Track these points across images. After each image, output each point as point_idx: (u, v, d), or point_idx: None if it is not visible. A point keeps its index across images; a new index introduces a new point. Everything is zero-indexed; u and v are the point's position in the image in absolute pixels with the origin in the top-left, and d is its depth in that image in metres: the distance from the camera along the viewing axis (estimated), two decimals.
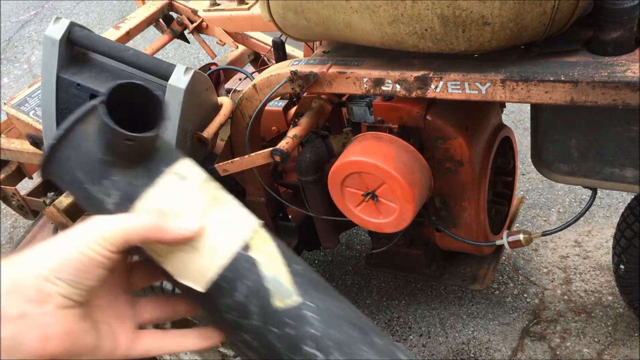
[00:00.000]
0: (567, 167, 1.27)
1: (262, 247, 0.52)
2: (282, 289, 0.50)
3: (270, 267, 0.51)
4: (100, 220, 0.48)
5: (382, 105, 1.34)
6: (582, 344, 1.79)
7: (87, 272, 0.47)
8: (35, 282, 0.45)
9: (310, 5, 1.13)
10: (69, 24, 1.31)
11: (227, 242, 0.51)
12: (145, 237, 0.49)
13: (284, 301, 0.50)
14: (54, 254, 0.46)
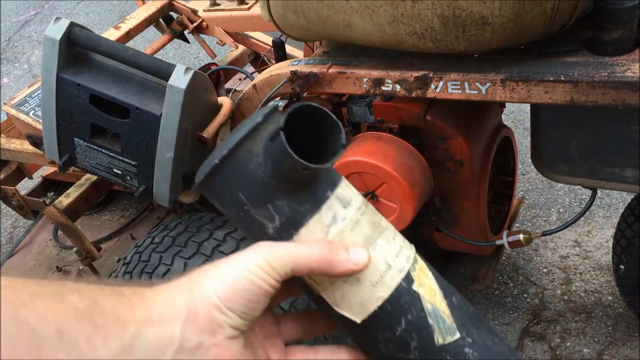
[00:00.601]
0: (567, 167, 1.27)
1: (423, 279, 0.50)
2: (443, 325, 0.49)
3: (431, 300, 0.50)
4: (270, 248, 0.47)
5: (382, 105, 1.34)
6: (582, 344, 1.79)
7: (256, 302, 0.46)
8: (208, 312, 0.45)
9: (310, 5, 1.13)
10: (69, 24, 1.31)
11: (391, 274, 0.49)
12: (314, 268, 0.47)
13: (445, 338, 0.49)
14: (226, 283, 0.45)
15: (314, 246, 0.47)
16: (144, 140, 1.35)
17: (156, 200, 1.46)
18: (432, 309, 0.49)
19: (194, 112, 1.33)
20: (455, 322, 0.50)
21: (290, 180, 0.48)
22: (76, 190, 1.65)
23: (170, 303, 0.45)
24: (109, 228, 2.09)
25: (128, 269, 1.48)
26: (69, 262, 1.99)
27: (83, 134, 1.41)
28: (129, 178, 1.45)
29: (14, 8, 4.95)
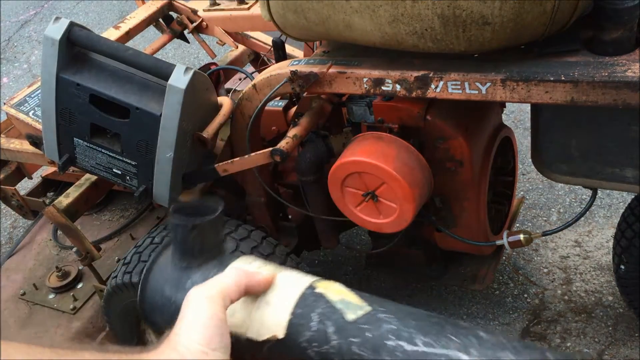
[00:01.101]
0: (567, 167, 1.27)
1: (327, 285, 0.57)
2: (351, 305, 0.54)
3: (336, 294, 0.56)
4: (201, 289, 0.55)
5: (382, 105, 1.34)
6: (583, 344, 1.79)
7: (225, 332, 0.54)
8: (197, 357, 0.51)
9: (310, 5, 1.13)
10: (69, 24, 1.31)
11: (294, 288, 0.57)
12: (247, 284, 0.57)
13: (356, 313, 0.53)
14: (198, 330, 0.53)
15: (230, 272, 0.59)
16: (144, 140, 1.35)
17: (156, 200, 1.46)
18: (338, 299, 0.55)
19: (193, 112, 1.33)
20: (365, 301, 0.55)
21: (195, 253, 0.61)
22: (76, 190, 1.65)
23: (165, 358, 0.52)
24: (108, 228, 2.09)
25: (128, 269, 1.48)
26: (68, 262, 1.98)
27: (83, 134, 1.41)
28: (128, 178, 1.45)
29: (13, 8, 4.95)
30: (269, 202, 1.65)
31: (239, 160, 1.41)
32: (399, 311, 0.54)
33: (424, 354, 0.50)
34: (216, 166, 1.43)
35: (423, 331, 0.51)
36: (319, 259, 2.24)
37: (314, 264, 2.21)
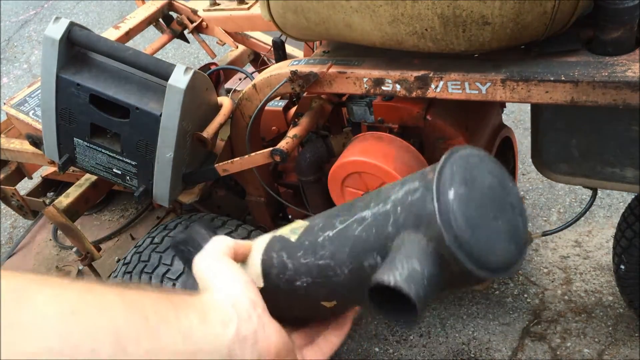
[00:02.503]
0: (567, 167, 1.27)
1: (288, 225, 0.62)
2: (296, 230, 0.60)
3: (288, 228, 0.61)
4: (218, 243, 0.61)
5: (382, 105, 1.34)
6: (583, 344, 1.79)
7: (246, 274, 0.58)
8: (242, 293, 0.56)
9: (310, 5, 1.13)
10: (69, 24, 1.31)
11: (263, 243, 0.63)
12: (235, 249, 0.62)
13: (297, 233, 0.60)
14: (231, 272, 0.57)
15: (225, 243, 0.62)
16: (144, 140, 1.35)
17: (156, 200, 1.46)
18: (288, 230, 0.61)
19: (193, 112, 1.33)
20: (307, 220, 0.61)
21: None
22: (76, 190, 1.65)
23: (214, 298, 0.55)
24: (108, 228, 2.09)
25: (128, 269, 1.48)
26: (68, 262, 1.99)
27: (83, 134, 1.41)
28: (128, 178, 1.45)
29: (13, 8, 4.95)
30: (269, 202, 1.65)
31: (239, 160, 1.41)
32: (325, 213, 0.60)
33: (342, 230, 0.55)
34: (216, 166, 1.43)
35: (338, 215, 0.57)
36: None
37: None
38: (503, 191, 0.54)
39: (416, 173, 0.54)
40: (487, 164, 0.55)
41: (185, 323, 0.51)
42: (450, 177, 0.49)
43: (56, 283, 0.48)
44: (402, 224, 0.51)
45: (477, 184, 0.51)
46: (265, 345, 0.54)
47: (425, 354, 1.87)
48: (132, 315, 0.48)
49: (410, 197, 0.51)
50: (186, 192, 1.54)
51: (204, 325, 0.52)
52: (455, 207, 0.47)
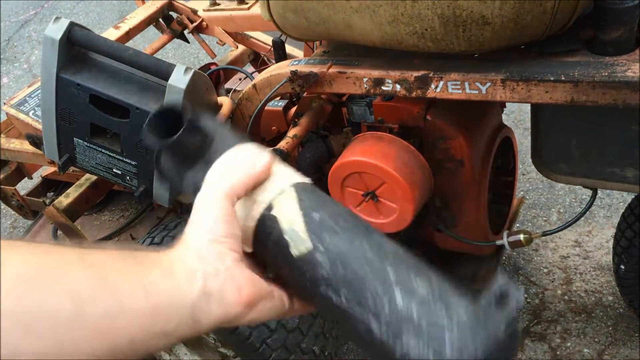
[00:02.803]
0: (567, 167, 1.27)
1: (284, 203, 0.58)
2: (296, 239, 0.56)
3: (288, 220, 0.57)
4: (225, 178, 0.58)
5: (382, 105, 1.34)
6: (583, 344, 1.79)
7: (234, 223, 0.57)
8: (209, 246, 0.55)
9: (310, 5, 1.13)
10: (69, 24, 1.31)
11: (256, 207, 0.59)
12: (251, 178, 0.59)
13: (299, 249, 0.56)
14: (208, 223, 0.56)
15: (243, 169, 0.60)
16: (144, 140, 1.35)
17: (156, 200, 1.46)
18: (288, 228, 0.57)
19: None
20: (310, 235, 0.56)
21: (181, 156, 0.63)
22: (76, 190, 1.65)
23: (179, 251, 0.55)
24: (108, 228, 2.09)
25: None
26: None
27: (83, 134, 1.41)
28: (129, 178, 1.45)
29: (13, 8, 4.95)
30: None
31: None
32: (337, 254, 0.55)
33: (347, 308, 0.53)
34: None
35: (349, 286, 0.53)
36: None
37: None
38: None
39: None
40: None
41: (148, 278, 0.50)
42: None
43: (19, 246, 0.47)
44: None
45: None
46: (235, 299, 0.53)
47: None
48: (91, 274, 0.47)
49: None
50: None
51: (167, 279, 0.51)
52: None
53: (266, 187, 0.60)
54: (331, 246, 0.55)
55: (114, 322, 0.47)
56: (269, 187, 0.60)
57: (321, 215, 0.57)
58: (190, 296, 0.51)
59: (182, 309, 0.51)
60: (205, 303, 0.52)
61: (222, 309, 0.53)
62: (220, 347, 1.59)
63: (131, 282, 0.49)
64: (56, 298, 0.44)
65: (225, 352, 1.59)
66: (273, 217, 0.58)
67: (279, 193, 0.59)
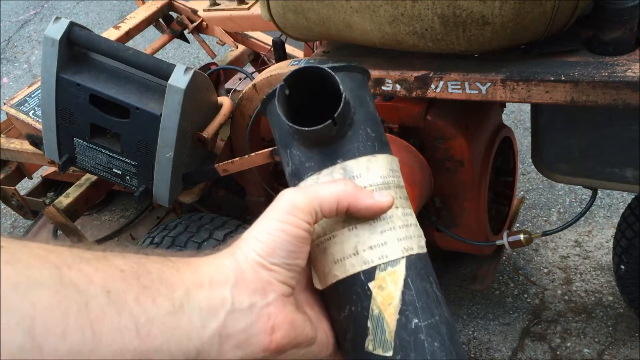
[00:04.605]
0: (567, 167, 1.27)
1: (388, 283, 0.47)
2: (380, 335, 0.47)
3: (381, 307, 0.47)
4: (293, 193, 0.47)
5: (382, 105, 1.34)
6: (583, 344, 1.79)
7: (296, 250, 0.46)
8: (255, 272, 0.44)
9: (310, 5, 1.13)
10: (69, 24, 1.31)
11: (352, 261, 0.48)
12: (340, 201, 0.47)
13: (376, 348, 0.47)
14: (263, 240, 0.45)
15: (339, 182, 0.48)
16: (144, 140, 1.35)
17: (156, 200, 1.46)
18: (377, 314, 0.47)
19: (194, 112, 1.33)
20: (395, 341, 0.46)
21: (304, 136, 0.50)
22: (76, 190, 1.65)
23: (217, 268, 0.45)
24: (109, 228, 2.09)
25: None
26: None
27: (83, 134, 1.41)
28: (129, 178, 1.45)
29: (13, 8, 4.95)
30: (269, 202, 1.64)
31: (239, 160, 1.41)
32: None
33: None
34: (216, 166, 1.43)
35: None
36: None
37: None
38: None
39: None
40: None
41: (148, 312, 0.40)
42: None
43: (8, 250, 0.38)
44: None
45: None
46: (262, 344, 0.44)
47: None
48: (63, 300, 0.37)
49: None
50: (186, 192, 1.53)
51: (173, 316, 0.41)
52: None
53: (376, 238, 0.48)
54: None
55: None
56: (379, 242, 0.48)
57: (419, 326, 0.46)
58: (198, 339, 0.41)
59: (181, 355, 0.41)
60: (216, 347, 0.42)
61: (241, 353, 0.43)
62: None
63: (121, 316, 0.38)
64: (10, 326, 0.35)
65: None
66: (367, 290, 0.47)
67: (388, 263, 0.48)
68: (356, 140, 0.51)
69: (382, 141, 0.53)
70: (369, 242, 0.48)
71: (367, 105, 0.53)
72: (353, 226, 0.49)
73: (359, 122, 0.51)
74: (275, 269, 0.45)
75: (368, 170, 0.50)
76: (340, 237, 0.49)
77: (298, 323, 0.46)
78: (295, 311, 0.46)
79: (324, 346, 0.50)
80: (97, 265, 0.40)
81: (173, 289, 0.42)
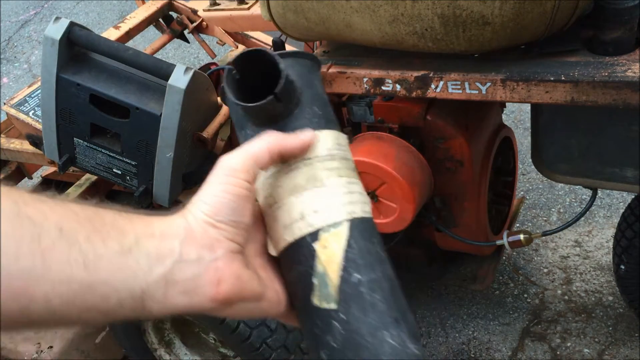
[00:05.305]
0: (567, 167, 1.27)
1: (331, 242, 0.51)
2: (324, 289, 0.50)
3: (325, 264, 0.50)
4: (229, 158, 0.51)
5: (382, 105, 1.34)
6: (583, 344, 1.79)
7: (240, 208, 0.49)
8: (203, 229, 0.48)
9: (310, 5, 1.13)
10: (69, 24, 1.31)
11: (299, 225, 0.52)
12: (270, 151, 0.51)
13: (321, 302, 0.50)
14: (209, 202, 0.49)
15: (264, 136, 0.52)
16: (144, 140, 1.35)
17: (156, 200, 1.46)
18: (321, 271, 0.50)
19: (194, 112, 1.33)
20: (339, 295, 0.49)
21: (253, 114, 0.54)
22: (76, 190, 1.65)
23: (168, 225, 0.49)
24: None
25: None
26: None
27: (83, 134, 1.41)
28: (129, 178, 1.45)
29: (13, 8, 4.95)
30: None
31: None
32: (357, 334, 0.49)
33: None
34: None
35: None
36: None
37: None
38: None
39: None
40: None
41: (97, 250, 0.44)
42: None
43: None
44: None
45: None
46: (209, 294, 0.47)
47: (425, 354, 1.87)
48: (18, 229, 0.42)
49: None
50: (186, 192, 1.53)
51: (120, 256, 0.45)
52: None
53: (322, 203, 0.52)
54: (353, 324, 0.49)
55: (31, 286, 0.42)
56: (324, 207, 0.52)
57: (361, 281, 0.50)
58: (144, 281, 0.45)
59: (126, 292, 0.45)
60: (162, 290, 0.46)
61: (187, 299, 0.47)
62: (220, 347, 1.59)
63: (71, 250, 0.43)
64: None
65: (225, 352, 1.59)
66: (312, 251, 0.51)
67: (331, 225, 0.51)
68: (303, 117, 0.55)
69: (329, 119, 0.57)
70: (314, 207, 0.52)
71: (315, 88, 0.57)
72: (300, 194, 0.52)
73: (306, 102, 0.55)
74: (222, 227, 0.49)
75: (321, 145, 0.54)
76: (288, 205, 0.52)
77: (244, 278, 0.49)
78: (242, 268, 0.49)
79: (274, 304, 0.53)
80: (53, 207, 0.45)
81: (124, 235, 0.46)
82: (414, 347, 0.49)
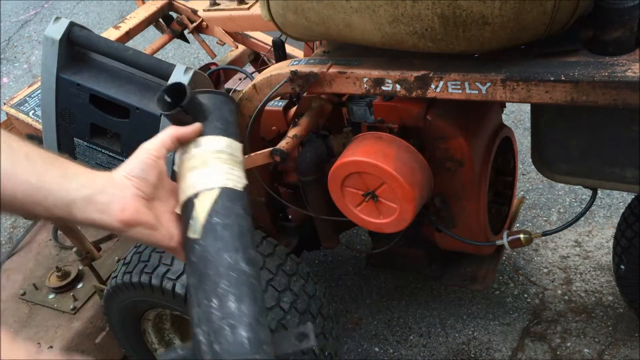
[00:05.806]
0: (567, 167, 1.27)
1: (204, 198, 0.76)
2: (194, 226, 0.75)
3: (198, 210, 0.75)
4: (147, 143, 0.79)
5: (382, 105, 1.34)
6: (583, 344, 1.79)
7: (146, 169, 0.77)
8: (120, 179, 0.75)
9: (310, 5, 1.13)
10: (69, 24, 1.31)
11: (190, 189, 0.78)
12: (171, 136, 0.80)
13: (190, 234, 0.75)
14: (128, 165, 0.77)
15: (167, 129, 0.81)
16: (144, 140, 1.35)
17: None
18: (195, 215, 0.75)
19: None
20: (202, 230, 0.74)
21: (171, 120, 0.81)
22: None
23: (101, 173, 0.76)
24: None
25: (128, 269, 1.48)
26: (68, 262, 1.98)
27: (83, 134, 1.41)
28: None
29: (13, 8, 4.95)
30: (269, 202, 1.65)
31: None
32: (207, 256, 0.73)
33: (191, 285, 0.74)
34: None
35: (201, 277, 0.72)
36: (319, 259, 2.24)
37: (314, 263, 2.21)
38: None
39: None
40: None
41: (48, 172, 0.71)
42: None
43: None
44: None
45: None
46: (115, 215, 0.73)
47: (425, 354, 1.87)
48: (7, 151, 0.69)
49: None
50: None
51: (60, 179, 0.71)
52: None
53: (205, 177, 0.77)
54: (206, 247, 0.73)
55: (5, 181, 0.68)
56: (206, 179, 0.77)
57: (218, 222, 0.75)
58: (70, 195, 0.71)
59: (59, 199, 0.71)
60: (83, 206, 0.72)
61: (100, 216, 0.73)
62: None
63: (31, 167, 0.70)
64: None
65: None
66: (193, 203, 0.76)
67: (207, 189, 0.76)
68: (207, 126, 0.82)
69: (229, 132, 0.82)
70: (200, 179, 0.78)
71: (223, 112, 0.84)
72: (194, 171, 0.79)
73: (212, 119, 0.82)
74: (133, 179, 0.76)
75: (210, 142, 0.81)
76: (187, 177, 0.79)
77: (142, 212, 0.75)
78: (142, 206, 0.75)
79: (166, 237, 0.78)
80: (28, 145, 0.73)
81: (66, 168, 0.74)
82: (246, 267, 0.73)
